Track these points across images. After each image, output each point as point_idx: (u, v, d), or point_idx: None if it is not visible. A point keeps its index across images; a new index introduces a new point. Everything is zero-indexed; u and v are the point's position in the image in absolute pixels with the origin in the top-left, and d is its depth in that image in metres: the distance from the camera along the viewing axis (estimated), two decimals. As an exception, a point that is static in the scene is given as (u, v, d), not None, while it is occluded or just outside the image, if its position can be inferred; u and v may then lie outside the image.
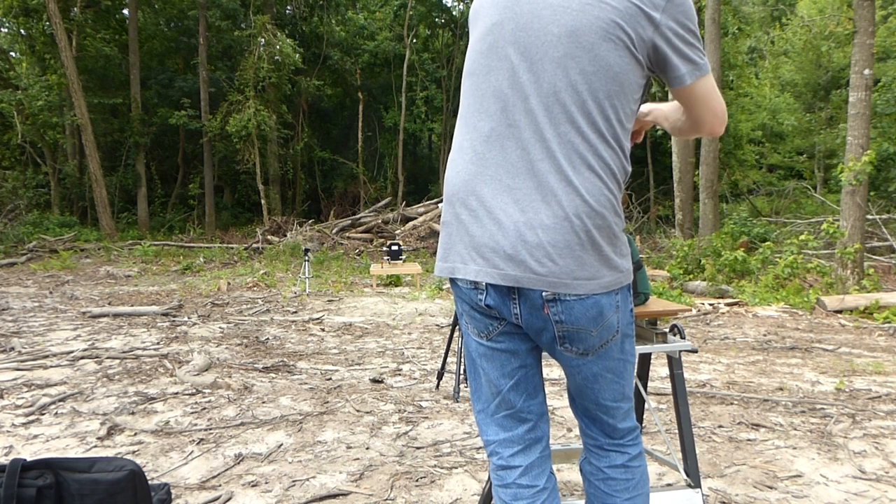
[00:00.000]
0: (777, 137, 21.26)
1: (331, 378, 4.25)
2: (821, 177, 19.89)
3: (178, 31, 22.86)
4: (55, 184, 19.33)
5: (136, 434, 3.15)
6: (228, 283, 9.28)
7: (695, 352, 2.83)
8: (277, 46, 17.65)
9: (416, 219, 16.13)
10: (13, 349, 4.95)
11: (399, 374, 4.37)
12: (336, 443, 3.04)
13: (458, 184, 1.35)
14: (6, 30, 21.80)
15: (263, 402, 3.67)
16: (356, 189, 22.36)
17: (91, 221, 18.66)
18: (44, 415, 3.43)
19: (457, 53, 23.20)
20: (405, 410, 3.55)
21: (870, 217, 10.85)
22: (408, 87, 22.03)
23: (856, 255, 7.97)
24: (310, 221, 17.40)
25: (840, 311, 6.83)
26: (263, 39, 17.81)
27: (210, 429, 3.22)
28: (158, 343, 5.27)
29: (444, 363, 3.90)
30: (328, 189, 23.62)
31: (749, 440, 3.06)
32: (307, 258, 9.20)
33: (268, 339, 5.49)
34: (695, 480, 2.00)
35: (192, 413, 3.48)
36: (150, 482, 2.04)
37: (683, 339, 2.00)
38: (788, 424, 3.28)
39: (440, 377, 3.93)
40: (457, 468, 2.73)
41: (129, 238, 16.85)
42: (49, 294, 8.24)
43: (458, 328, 3.95)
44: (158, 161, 21.51)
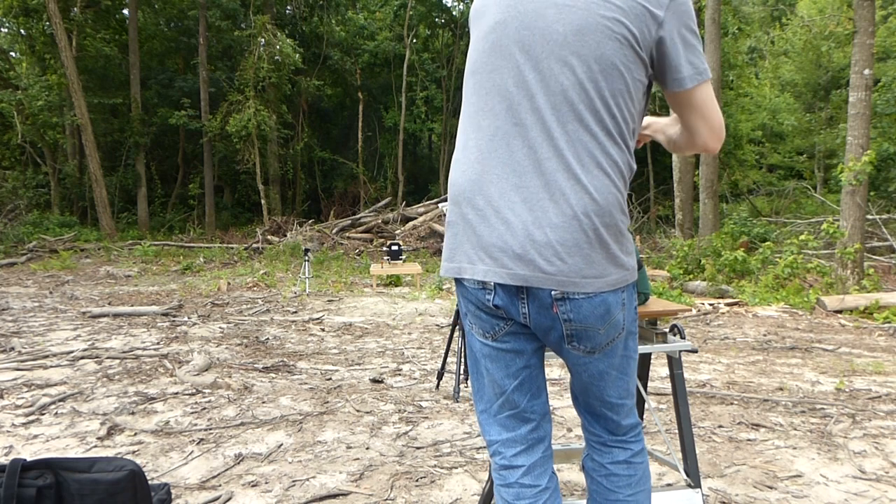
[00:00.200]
0: (777, 137, 21.26)
1: (331, 378, 4.25)
2: (821, 177, 19.89)
3: (178, 31, 22.86)
4: (55, 184, 19.33)
5: (136, 434, 3.15)
6: (228, 283, 9.28)
7: (695, 352, 2.83)
8: (277, 46, 17.65)
9: (416, 219, 16.13)
10: (13, 349, 4.95)
11: (399, 374, 4.37)
12: (336, 443, 3.04)
13: (464, 183, 1.35)
14: (6, 30, 21.81)
15: (263, 402, 3.67)
16: (356, 189, 22.37)
17: (91, 221, 18.66)
18: (44, 415, 3.43)
19: (457, 53, 23.20)
20: (405, 410, 3.55)
21: (870, 217, 10.85)
22: (408, 87, 22.03)
23: (856, 255, 7.97)
24: (310, 221, 17.40)
25: (840, 311, 6.83)
26: (263, 39, 17.82)
27: (210, 429, 3.22)
28: (158, 343, 5.27)
29: (444, 363, 3.90)
30: (328, 189, 23.63)
31: (749, 440, 3.06)
32: (307, 258, 9.20)
33: (268, 339, 5.49)
34: (695, 480, 2.00)
35: (192, 413, 3.48)
36: (150, 482, 2.04)
37: (683, 339, 2.00)
38: (788, 424, 3.28)
39: (440, 377, 3.92)
40: (457, 468, 2.73)
41: (129, 238, 16.85)
42: (49, 294, 8.24)
43: (459, 328, 3.95)
44: (158, 161, 21.51)
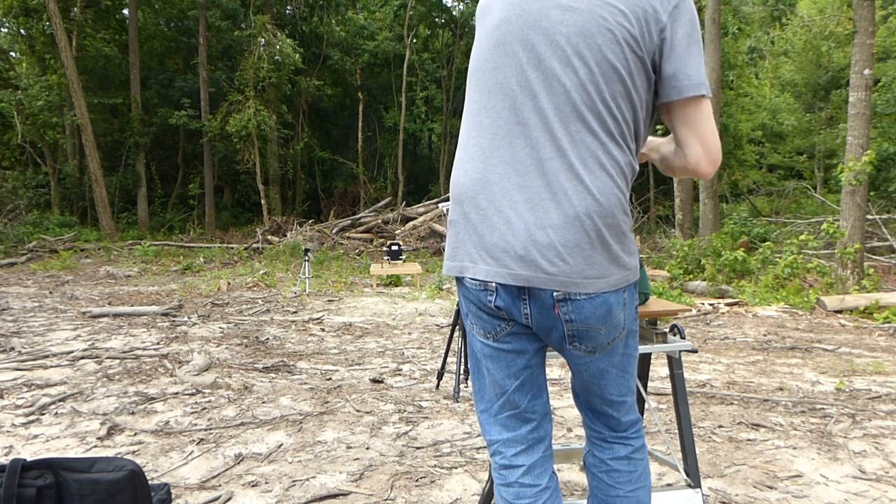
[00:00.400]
0: (777, 137, 21.26)
1: (331, 378, 4.25)
2: (821, 177, 19.89)
3: (178, 31, 22.87)
4: (55, 184, 19.33)
5: (136, 434, 3.15)
6: (228, 283, 9.28)
7: (695, 352, 2.83)
8: (277, 46, 17.65)
9: (416, 219, 16.13)
10: (13, 349, 4.95)
11: (399, 374, 4.37)
12: (336, 443, 3.04)
13: (466, 182, 1.35)
14: (6, 30, 21.81)
15: (263, 402, 3.67)
16: (356, 189, 22.37)
17: (91, 221, 18.66)
18: (44, 415, 3.43)
19: (457, 53, 23.21)
20: (405, 410, 3.55)
21: (870, 217, 10.85)
22: (408, 87, 22.03)
23: (856, 255, 7.97)
24: (310, 221, 17.41)
25: (840, 311, 6.83)
26: (263, 39, 17.82)
27: (210, 429, 3.22)
28: (158, 343, 5.27)
29: (444, 363, 3.90)
30: (328, 189, 23.63)
31: (749, 440, 3.06)
32: (307, 258, 9.20)
33: (268, 339, 5.49)
34: (695, 480, 2.00)
35: (192, 413, 3.48)
36: (150, 482, 2.04)
37: (683, 339, 2.00)
38: (788, 424, 3.28)
39: (440, 377, 3.92)
40: (457, 468, 2.73)
41: (129, 238, 16.85)
42: (49, 294, 8.24)
43: (459, 328, 3.95)
44: (158, 161, 21.52)
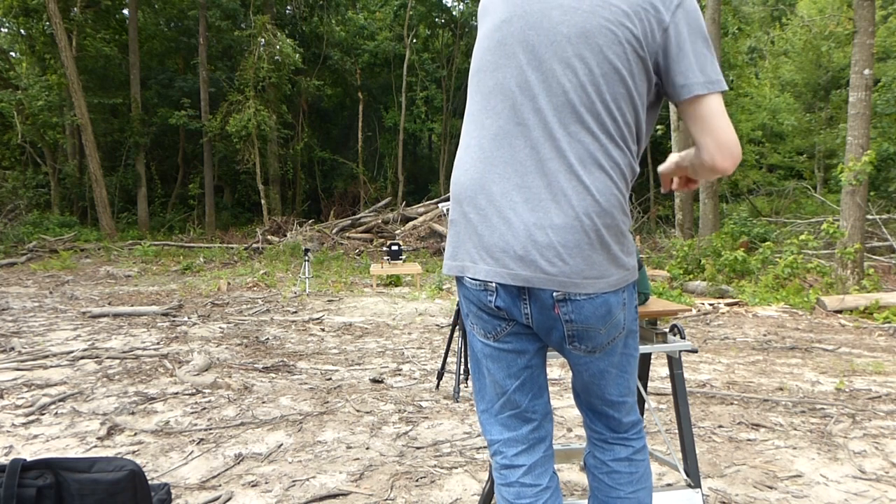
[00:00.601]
0: (777, 137, 21.25)
1: (331, 378, 4.25)
2: (821, 177, 19.89)
3: (178, 31, 22.87)
4: (55, 184, 19.34)
5: (136, 434, 3.15)
6: (228, 283, 9.28)
7: (695, 352, 2.83)
8: (277, 46, 17.66)
9: (416, 219, 16.14)
10: (13, 349, 4.95)
11: (399, 374, 4.37)
12: (336, 443, 3.04)
13: (466, 182, 1.35)
14: (6, 30, 21.82)
15: (263, 402, 3.67)
16: (356, 189, 22.38)
17: (91, 221, 18.67)
18: (44, 415, 3.43)
19: (457, 53, 23.21)
20: (405, 410, 3.55)
21: (870, 217, 10.85)
22: (408, 87, 22.04)
23: (856, 255, 7.97)
24: (310, 221, 17.41)
25: (840, 311, 6.83)
26: (263, 39, 17.82)
27: (210, 429, 3.22)
28: (158, 343, 5.27)
29: (444, 363, 3.90)
30: (328, 189, 23.64)
31: (749, 440, 3.06)
32: (307, 258, 9.20)
33: (268, 339, 5.49)
34: (695, 480, 2.00)
35: (192, 413, 3.48)
36: (150, 482, 2.04)
37: (683, 339, 2.00)
38: (788, 424, 3.28)
39: (440, 377, 3.92)
40: (457, 468, 2.73)
41: (129, 238, 16.85)
42: (49, 294, 8.24)
43: (459, 328, 3.95)
44: (158, 161, 21.52)
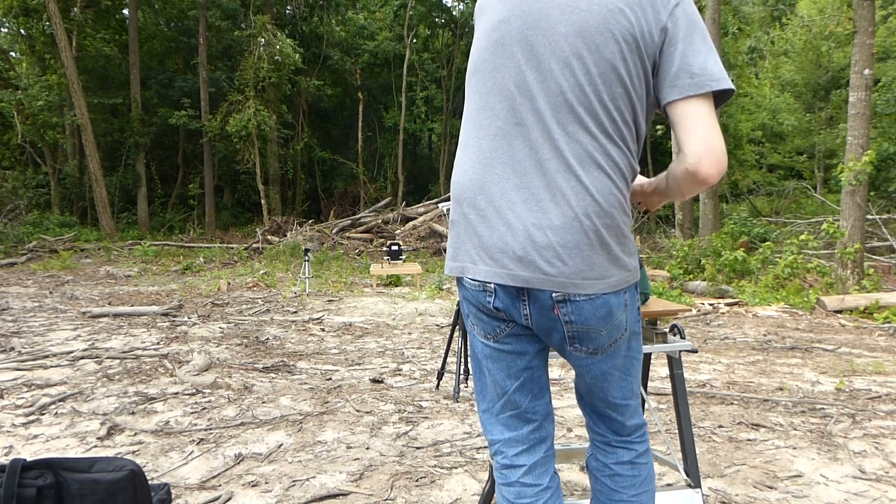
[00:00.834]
0: (777, 137, 21.27)
1: (331, 378, 4.25)
2: (821, 177, 19.90)
3: (178, 31, 22.88)
4: (55, 184, 19.34)
5: (136, 434, 3.15)
6: (228, 283, 9.28)
7: (695, 352, 2.83)
8: (277, 46, 17.66)
9: (416, 219, 16.14)
10: (13, 349, 4.95)
11: (399, 374, 4.37)
12: (336, 443, 3.04)
13: (466, 183, 1.34)
14: (6, 30, 21.82)
15: (263, 402, 3.67)
16: (356, 189, 22.38)
17: (91, 221, 18.67)
18: (44, 415, 3.43)
19: (457, 53, 23.21)
20: (405, 410, 3.55)
21: (870, 217, 10.85)
22: (408, 87, 22.04)
23: (856, 255, 7.97)
24: (310, 221, 17.41)
25: (840, 311, 6.83)
26: (263, 39, 17.82)
27: (210, 429, 3.22)
28: (158, 343, 5.27)
29: (444, 363, 3.90)
30: (328, 189, 23.64)
31: (749, 440, 3.06)
32: (307, 258, 9.20)
33: (268, 339, 5.49)
34: (695, 480, 2.00)
35: (192, 413, 3.48)
36: (150, 482, 2.04)
37: (683, 339, 2.00)
38: (788, 424, 3.28)
39: (440, 377, 3.93)
40: (457, 468, 2.73)
41: (129, 238, 16.85)
42: (49, 294, 8.24)
43: (459, 328, 3.95)
44: (158, 161, 21.52)
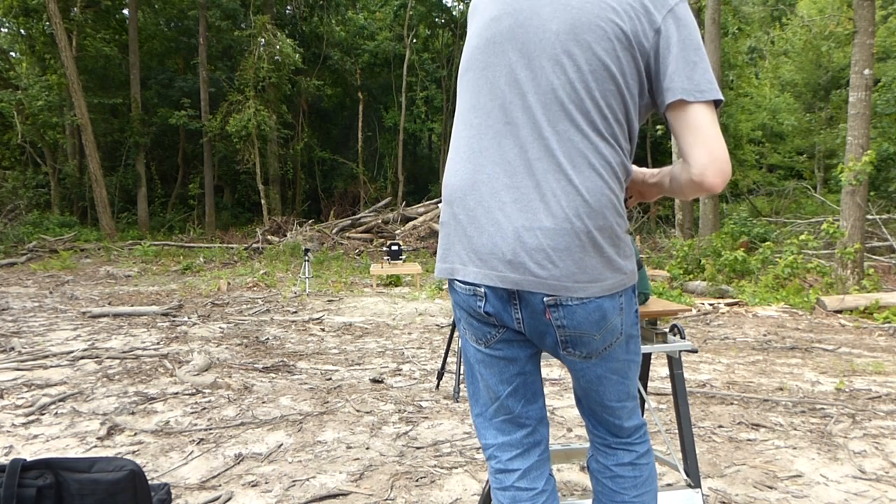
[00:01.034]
0: (777, 137, 21.27)
1: (331, 378, 4.25)
2: (821, 177, 19.90)
3: (178, 31, 22.88)
4: (55, 184, 19.34)
5: (136, 434, 3.15)
6: (228, 283, 9.28)
7: (695, 352, 2.82)
8: (277, 46, 17.66)
9: (416, 219, 16.13)
10: (13, 349, 4.95)
11: (399, 374, 4.37)
12: (336, 443, 3.04)
13: (456, 183, 1.33)
14: (6, 30, 21.82)
15: (263, 402, 3.67)
16: (356, 189, 22.38)
17: (91, 221, 18.67)
18: (44, 415, 3.43)
19: (457, 53, 23.21)
20: (405, 410, 3.55)
21: (870, 217, 10.85)
22: (408, 87, 22.04)
23: (856, 255, 7.97)
24: (310, 221, 17.41)
25: (840, 311, 6.83)
26: (263, 39, 17.83)
27: (210, 429, 3.22)
28: (158, 343, 5.27)
29: (444, 363, 3.90)
30: (328, 189, 23.64)
31: (749, 440, 3.06)
32: (307, 258, 9.20)
33: (268, 339, 5.49)
34: (695, 480, 2.00)
35: (192, 413, 3.48)
36: (150, 482, 2.04)
37: (683, 339, 2.00)
38: (788, 424, 3.28)
39: (440, 377, 3.93)
40: (457, 468, 2.73)
41: (129, 238, 16.85)
42: (49, 294, 8.24)
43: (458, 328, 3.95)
44: (158, 161, 21.52)
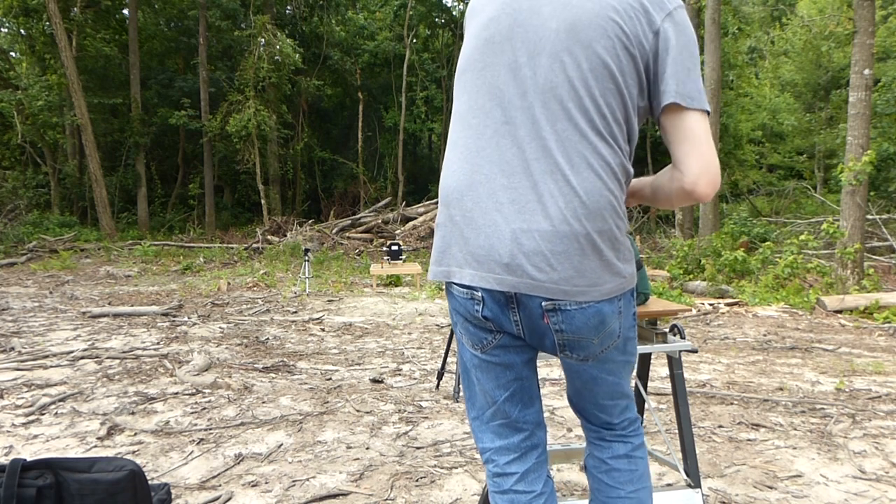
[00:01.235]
0: (777, 137, 21.29)
1: (331, 378, 4.25)
2: (821, 177, 19.91)
3: (178, 31, 22.87)
4: (55, 184, 19.33)
5: (136, 434, 3.15)
6: (228, 283, 9.28)
7: (695, 352, 2.83)
8: (277, 46, 17.66)
9: (416, 219, 16.14)
10: (13, 349, 4.95)
11: (399, 374, 4.37)
12: (336, 443, 3.04)
13: (453, 184, 1.31)
14: (6, 30, 21.82)
15: (263, 402, 3.67)
16: (356, 189, 22.38)
17: (91, 221, 18.66)
18: (44, 415, 3.43)
19: (457, 53, 23.20)
20: (405, 410, 3.55)
21: (870, 217, 10.85)
22: (408, 87, 22.04)
23: (856, 255, 7.97)
24: (310, 221, 17.41)
25: (840, 311, 6.83)
26: (263, 39, 17.82)
27: (210, 429, 3.22)
28: (158, 343, 5.27)
29: (444, 363, 3.90)
30: (328, 189, 23.64)
31: (749, 440, 3.06)
32: (307, 258, 9.20)
33: (268, 339, 5.49)
34: (695, 480, 2.00)
35: (192, 413, 3.48)
36: (150, 482, 2.04)
37: (683, 339, 2.00)
38: (788, 424, 3.28)
39: (440, 377, 3.93)
40: (457, 468, 2.73)
41: (129, 238, 16.85)
42: (49, 294, 8.24)
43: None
44: (158, 161, 21.52)
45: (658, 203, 1.40)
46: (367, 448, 2.97)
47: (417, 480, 2.60)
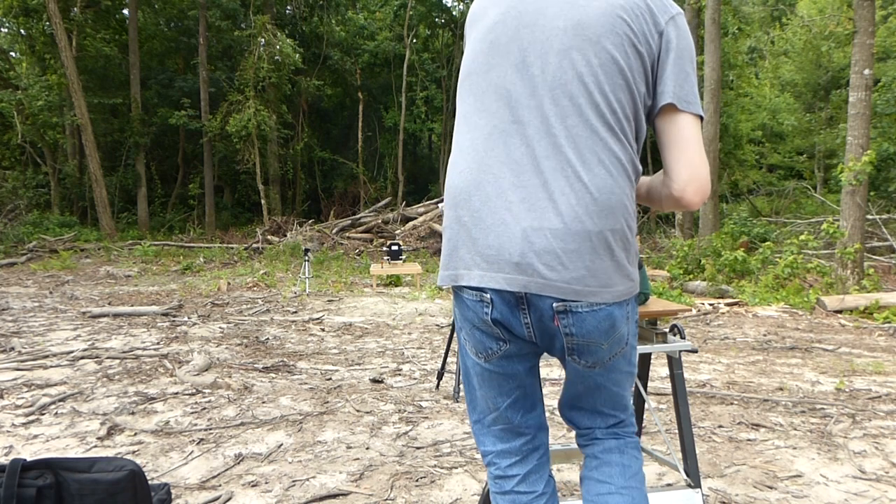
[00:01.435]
0: (777, 137, 21.29)
1: (331, 378, 4.25)
2: (821, 177, 19.91)
3: (178, 31, 22.87)
4: (55, 184, 19.33)
5: (136, 434, 3.15)
6: (228, 283, 9.28)
7: (695, 352, 2.83)
8: (277, 46, 17.66)
9: (416, 219, 16.14)
10: (13, 349, 4.95)
11: (399, 374, 4.37)
12: (336, 443, 3.04)
13: (461, 185, 1.27)
14: (6, 30, 21.82)
15: (263, 402, 3.67)
16: (356, 189, 22.38)
17: (91, 221, 18.66)
18: (44, 415, 3.43)
19: (457, 53, 23.21)
20: (405, 410, 3.55)
21: (870, 217, 10.85)
22: (408, 87, 22.04)
23: (856, 255, 7.97)
24: (310, 221, 17.41)
25: (840, 311, 6.83)
26: (263, 39, 17.82)
27: (210, 429, 3.22)
28: (158, 343, 5.27)
29: (444, 363, 3.90)
30: (328, 189, 23.63)
31: (749, 440, 3.06)
32: (307, 258, 9.20)
33: (268, 339, 5.49)
34: (695, 480, 2.00)
35: (192, 413, 3.48)
36: (150, 482, 2.04)
37: (683, 339, 2.00)
38: (788, 424, 3.28)
39: (440, 377, 3.93)
40: (457, 468, 2.73)
41: (129, 238, 16.85)
42: (49, 294, 8.24)
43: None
44: (158, 161, 21.52)
45: (651, 204, 1.39)
46: (367, 448, 2.97)
47: (417, 480, 2.60)
